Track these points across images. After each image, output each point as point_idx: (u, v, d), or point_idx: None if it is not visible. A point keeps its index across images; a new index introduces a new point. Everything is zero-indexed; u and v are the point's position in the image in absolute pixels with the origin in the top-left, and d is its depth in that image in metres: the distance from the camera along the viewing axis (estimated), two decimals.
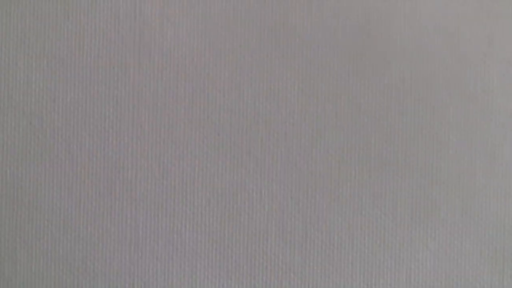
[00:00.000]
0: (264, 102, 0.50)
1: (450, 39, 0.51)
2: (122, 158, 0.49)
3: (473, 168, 0.51)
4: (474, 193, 0.51)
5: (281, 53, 0.50)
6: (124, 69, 0.49)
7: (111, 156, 0.49)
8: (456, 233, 0.51)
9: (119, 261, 0.49)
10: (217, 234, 0.49)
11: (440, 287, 0.50)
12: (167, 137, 0.49)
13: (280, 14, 0.50)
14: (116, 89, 0.49)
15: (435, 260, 0.50)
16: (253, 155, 0.49)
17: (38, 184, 0.49)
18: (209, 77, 0.50)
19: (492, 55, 0.51)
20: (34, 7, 0.49)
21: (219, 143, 0.49)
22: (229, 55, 0.50)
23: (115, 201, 0.49)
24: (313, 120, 0.50)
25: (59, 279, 0.49)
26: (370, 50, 0.50)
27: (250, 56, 0.50)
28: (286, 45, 0.50)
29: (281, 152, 0.50)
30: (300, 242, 0.50)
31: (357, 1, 0.51)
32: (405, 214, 0.50)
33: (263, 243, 0.49)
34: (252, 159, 0.49)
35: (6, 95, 0.49)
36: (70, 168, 0.49)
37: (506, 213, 0.51)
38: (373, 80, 0.50)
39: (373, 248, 0.50)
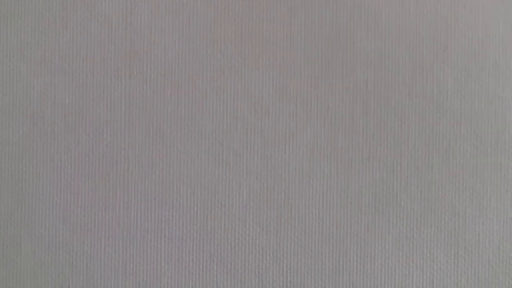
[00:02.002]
0: (242, 103, 0.51)
1: (409, 47, 0.53)
2: (115, 154, 0.50)
3: (429, 162, 0.53)
4: (431, 184, 0.53)
5: (257, 60, 0.52)
6: (116, 74, 0.51)
7: (105, 152, 0.50)
8: (415, 220, 0.53)
9: (113, 247, 0.50)
10: (201, 222, 0.51)
11: (400, 269, 0.52)
12: (155, 135, 0.51)
13: (256, 28, 0.52)
14: (109, 92, 0.50)
15: (396, 245, 0.52)
16: (232, 151, 0.51)
17: (40, 178, 0.50)
18: (192, 81, 0.51)
19: (447, 60, 0.53)
20: (35, 20, 0.50)
21: (202, 140, 0.51)
22: (210, 61, 0.51)
23: (109, 193, 0.50)
24: (286, 120, 0.52)
25: (60, 262, 0.50)
26: (337, 57, 0.52)
27: (230, 62, 0.51)
28: (261, 54, 0.52)
29: (258, 148, 0.51)
30: (275, 229, 0.51)
31: (325, 15, 0.52)
32: (369, 204, 0.52)
33: (241, 230, 0.51)
34: (231, 155, 0.51)
35: (11, 98, 0.50)
36: (69, 164, 0.50)
37: (460, 202, 0.53)
38: (340, 84, 0.52)
39: (340, 234, 0.52)
